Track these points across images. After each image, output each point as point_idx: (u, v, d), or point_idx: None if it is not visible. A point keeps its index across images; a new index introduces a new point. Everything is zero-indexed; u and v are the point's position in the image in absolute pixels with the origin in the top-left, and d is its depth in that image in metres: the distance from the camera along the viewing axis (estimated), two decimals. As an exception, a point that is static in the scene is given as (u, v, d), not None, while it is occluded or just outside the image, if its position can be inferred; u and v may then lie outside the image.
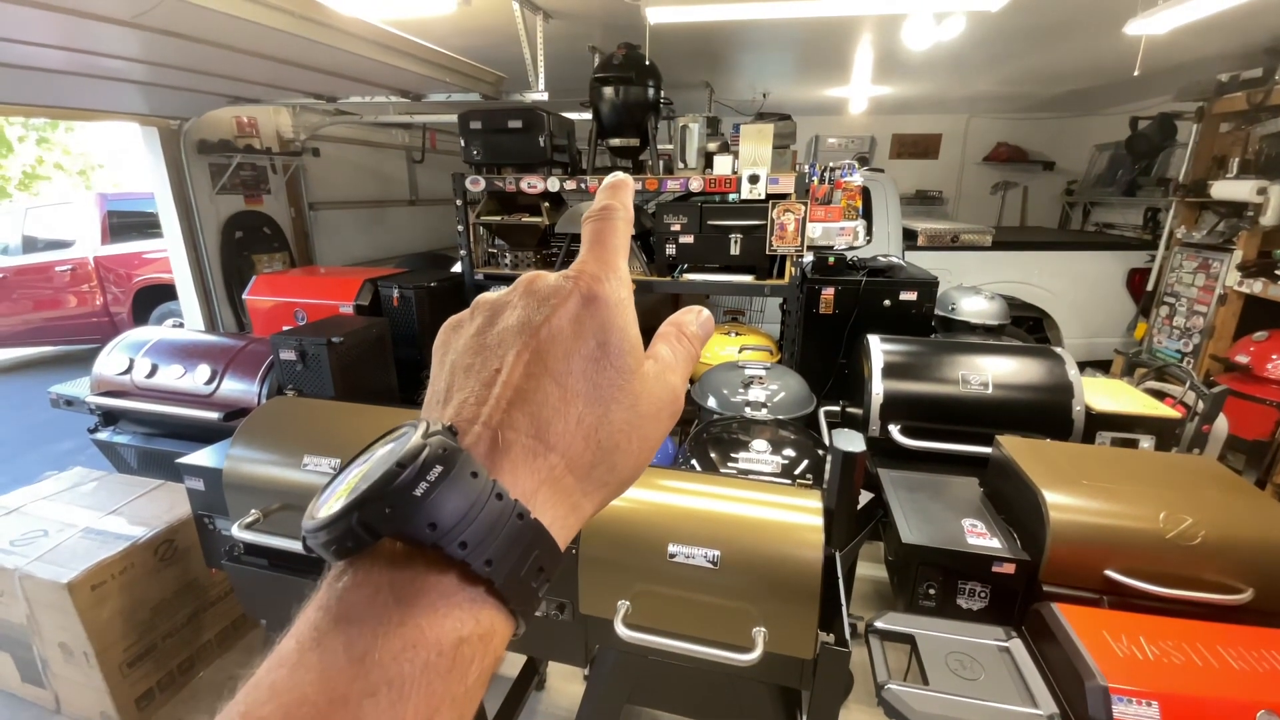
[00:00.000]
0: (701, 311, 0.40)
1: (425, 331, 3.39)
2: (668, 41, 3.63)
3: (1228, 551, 1.42)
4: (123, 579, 2.08)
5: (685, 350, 0.37)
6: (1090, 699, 1.15)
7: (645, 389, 0.33)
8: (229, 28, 2.29)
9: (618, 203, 0.38)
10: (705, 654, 1.31)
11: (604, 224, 0.36)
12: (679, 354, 0.37)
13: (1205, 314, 4.03)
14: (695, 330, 0.39)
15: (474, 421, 0.29)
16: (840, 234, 3.44)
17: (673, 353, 0.36)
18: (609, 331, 0.32)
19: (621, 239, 0.36)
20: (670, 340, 0.37)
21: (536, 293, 0.33)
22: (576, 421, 0.30)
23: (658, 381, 0.34)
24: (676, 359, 0.36)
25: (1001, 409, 2.28)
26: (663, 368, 0.35)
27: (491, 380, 0.31)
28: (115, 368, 2.77)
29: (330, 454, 1.64)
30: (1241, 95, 3.75)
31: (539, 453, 0.29)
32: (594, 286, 0.33)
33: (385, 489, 0.25)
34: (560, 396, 0.30)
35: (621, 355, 0.32)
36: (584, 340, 0.31)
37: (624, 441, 0.32)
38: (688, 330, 0.38)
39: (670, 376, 0.35)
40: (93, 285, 6.01)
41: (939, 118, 7.18)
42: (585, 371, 0.31)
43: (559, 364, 0.31)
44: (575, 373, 0.31)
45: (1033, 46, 3.94)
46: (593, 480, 0.31)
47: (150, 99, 3.58)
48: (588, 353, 0.31)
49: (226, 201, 4.50)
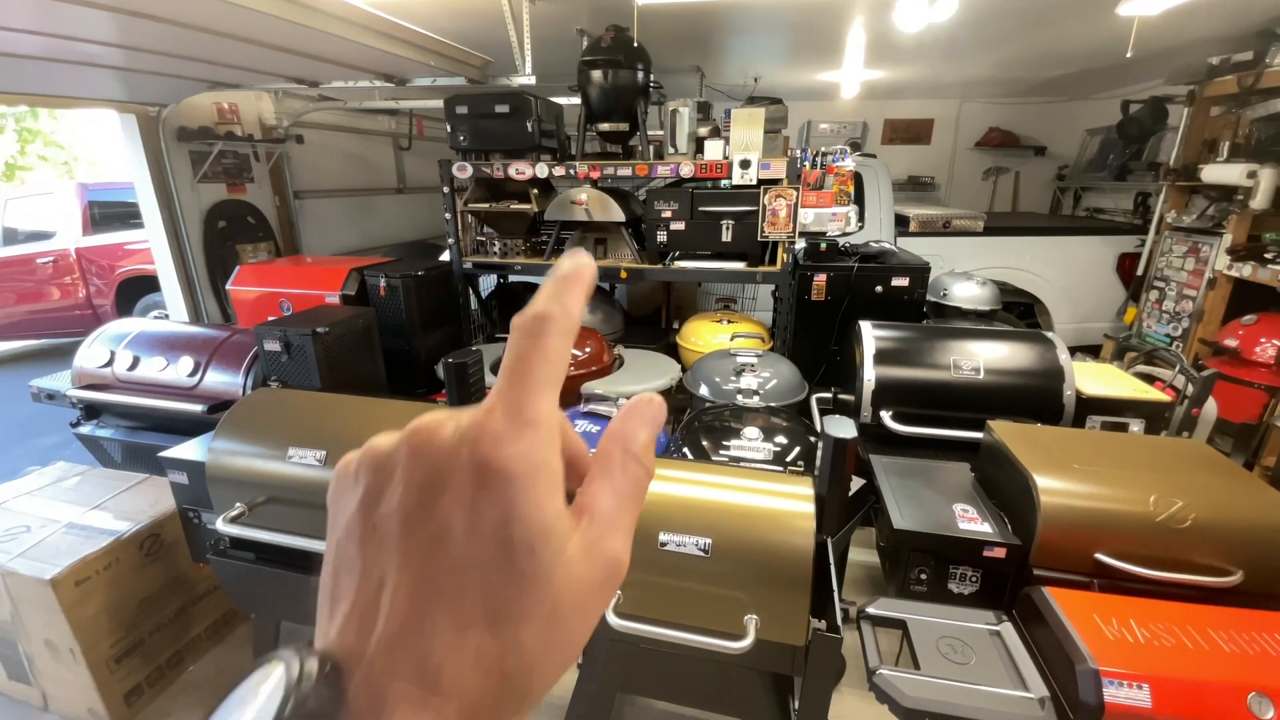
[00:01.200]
0: (652, 401, 0.32)
1: (413, 322, 3.36)
2: (657, 24, 3.57)
3: (1217, 534, 1.43)
4: (108, 574, 2.05)
5: (632, 482, 0.29)
6: (1081, 682, 1.15)
7: (569, 583, 0.25)
8: (206, 10, 2.22)
9: (558, 306, 0.28)
10: (697, 642, 1.31)
11: (530, 344, 0.27)
12: (623, 494, 0.28)
13: (1194, 298, 4.05)
14: (645, 439, 0.30)
15: (359, 659, 0.24)
16: (832, 220, 3.42)
17: (615, 497, 0.28)
18: (512, 524, 0.24)
19: (553, 365, 0.27)
20: (613, 473, 0.29)
21: (423, 461, 0.26)
22: (475, 656, 0.24)
23: (588, 562, 0.26)
24: (619, 505, 0.28)
25: (993, 394, 2.28)
26: (599, 532, 0.27)
27: (374, 600, 0.25)
28: (96, 360, 2.72)
29: (316, 446, 1.62)
30: (1232, 78, 3.74)
31: (430, 705, 0.24)
32: (494, 455, 0.25)
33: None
34: (454, 626, 0.24)
35: (531, 555, 0.24)
36: (480, 541, 0.24)
37: (540, 660, 0.25)
38: (634, 445, 0.30)
39: (608, 541, 0.27)
40: (75, 277, 5.91)
41: (931, 103, 7.14)
42: (485, 584, 0.24)
43: (448, 581, 0.24)
44: (470, 591, 0.24)
45: (1025, 28, 3.91)
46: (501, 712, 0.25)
47: (127, 85, 3.49)
48: (486, 559, 0.24)
49: (208, 190, 4.41)
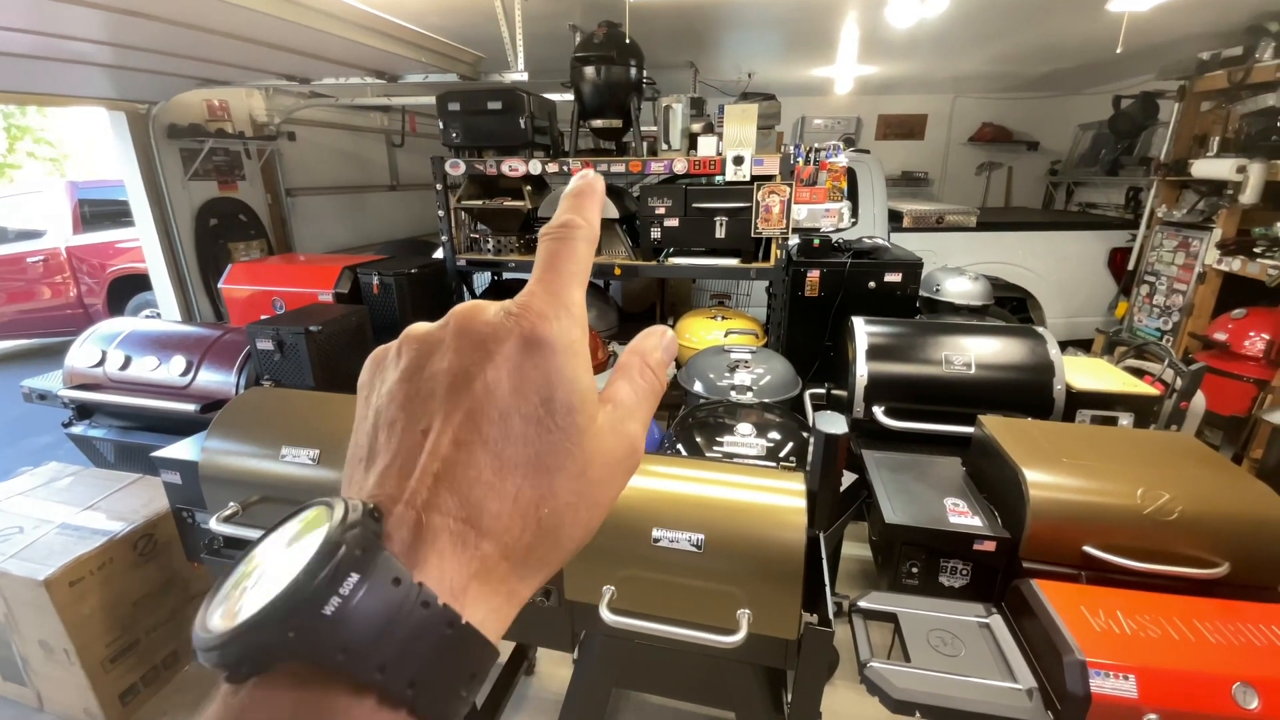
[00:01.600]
0: (665, 333, 0.35)
1: (407, 319, 3.35)
2: (650, 20, 3.57)
3: (1204, 526, 1.44)
4: (101, 575, 2.05)
5: (648, 385, 0.33)
6: (1068, 673, 1.17)
7: (598, 449, 0.28)
8: (196, 7, 2.21)
9: (580, 217, 0.32)
10: (691, 637, 1.31)
11: (560, 245, 0.31)
12: (641, 392, 0.32)
13: (1185, 292, 4.08)
14: (660, 358, 0.34)
15: (397, 500, 0.26)
16: (825, 216, 3.42)
17: (634, 393, 0.32)
18: (555, 385, 0.27)
19: (580, 264, 0.31)
20: (632, 375, 0.33)
21: (471, 333, 0.28)
22: (514, 499, 0.26)
23: (613, 436, 0.29)
24: (638, 400, 0.32)
25: (984, 389, 2.30)
26: (621, 415, 0.30)
27: (418, 446, 0.27)
28: (87, 360, 2.71)
29: (309, 445, 1.62)
30: (1222, 73, 3.76)
31: (470, 540, 0.25)
32: (538, 328, 0.28)
33: (289, 606, 0.21)
34: (495, 469, 0.26)
35: (569, 413, 0.27)
36: (525, 397, 0.27)
37: (569, 515, 0.27)
38: (651, 359, 0.34)
39: (629, 425, 0.31)
40: (65, 276, 5.87)
41: (924, 98, 7.15)
42: (525, 436, 0.26)
43: (494, 428, 0.26)
44: (514, 438, 0.26)
45: (1016, 24, 3.92)
46: (531, 563, 0.27)
47: (116, 82, 3.46)
48: (529, 413, 0.27)
49: (199, 188, 4.39)
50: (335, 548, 0.22)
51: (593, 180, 0.34)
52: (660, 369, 0.34)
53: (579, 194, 0.33)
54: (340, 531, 0.23)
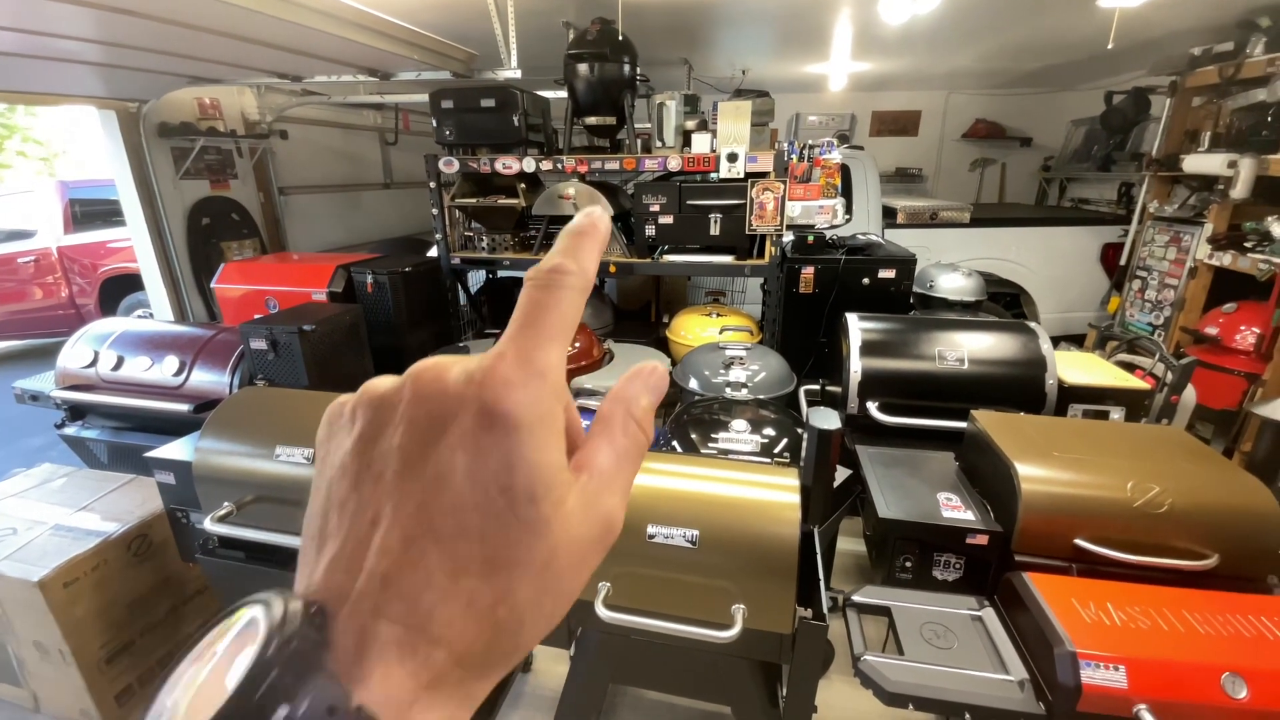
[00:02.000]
0: (654, 371, 0.31)
1: (401, 318, 3.34)
2: (643, 17, 3.56)
3: (1193, 518, 1.46)
4: (96, 576, 2.04)
5: (630, 443, 0.29)
6: (1059, 664, 1.18)
7: (566, 538, 0.25)
8: (186, 5, 2.20)
9: (574, 261, 0.28)
10: (686, 632, 1.32)
11: (544, 295, 0.27)
12: (621, 454, 0.28)
13: (1176, 287, 4.11)
14: (646, 405, 0.30)
15: (343, 599, 0.24)
16: (819, 212, 3.43)
17: (614, 456, 0.28)
18: (515, 469, 0.24)
19: (564, 319, 0.27)
20: (613, 432, 0.28)
21: (427, 403, 0.25)
22: (468, 603, 0.24)
23: (586, 518, 0.26)
24: (618, 464, 0.28)
25: (977, 384, 2.31)
26: (597, 488, 0.27)
27: (365, 538, 0.24)
28: (80, 361, 2.70)
29: (303, 444, 1.62)
30: (1213, 69, 3.78)
31: (419, 649, 0.23)
32: (502, 399, 0.24)
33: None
34: (448, 571, 0.23)
35: (531, 503, 0.24)
36: (481, 486, 0.24)
37: (531, 612, 0.25)
38: (636, 409, 0.29)
39: (606, 499, 0.27)
40: (57, 276, 5.83)
41: (918, 94, 7.16)
42: (482, 531, 0.24)
43: (447, 521, 0.24)
44: (469, 534, 0.24)
45: (1009, 20, 3.93)
46: (490, 663, 0.25)
47: (106, 81, 3.44)
48: (485, 504, 0.24)
49: (191, 187, 4.36)
50: (265, 670, 0.20)
51: (596, 219, 0.30)
52: (646, 419, 0.30)
53: (578, 234, 0.29)
54: (275, 647, 0.21)
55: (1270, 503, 1.44)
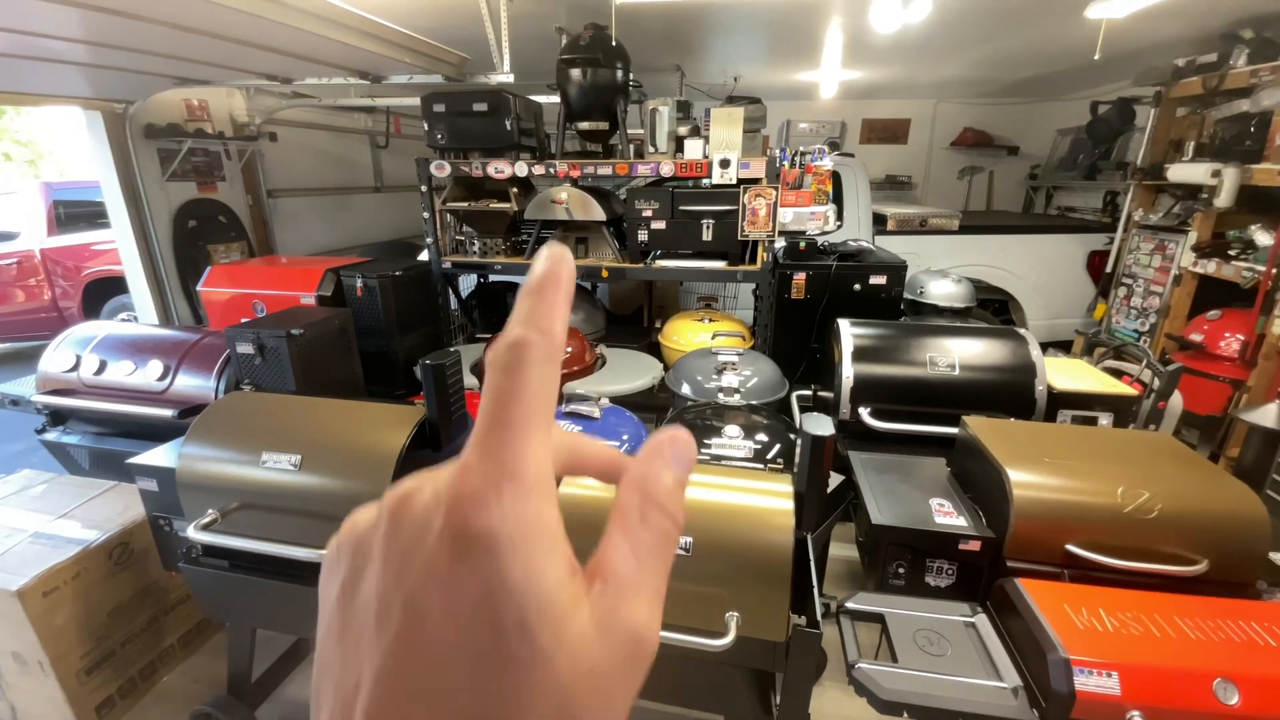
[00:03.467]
0: (677, 439, 0.27)
1: (391, 322, 3.32)
2: (636, 23, 3.57)
3: (1183, 524, 1.47)
4: (76, 584, 2.00)
5: (656, 536, 0.24)
6: (1053, 671, 1.18)
7: (580, 668, 0.20)
8: (173, 5, 2.17)
9: (536, 330, 0.23)
10: (679, 641, 1.31)
11: (508, 381, 0.22)
12: (646, 551, 0.23)
13: (1161, 294, 4.16)
14: (671, 484, 0.25)
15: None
16: (811, 219, 3.44)
17: (635, 555, 0.23)
18: (499, 600, 0.20)
19: (534, 401, 0.22)
20: (631, 526, 0.24)
21: (397, 538, 0.22)
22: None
23: (604, 640, 0.21)
24: (642, 563, 0.23)
25: (968, 390, 2.32)
26: (615, 600, 0.22)
27: (351, 702, 0.21)
28: (61, 365, 2.65)
29: (290, 450, 1.59)
30: (1197, 80, 3.84)
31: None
32: (471, 520, 0.20)
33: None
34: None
35: (525, 637, 0.20)
36: (462, 628, 0.20)
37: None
38: (659, 491, 0.25)
39: (629, 609, 0.22)
40: (40, 279, 5.75)
41: (907, 103, 7.23)
42: (473, 682, 0.20)
43: (431, 680, 0.20)
44: (457, 690, 0.20)
45: (997, 30, 3.98)
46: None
47: (92, 81, 3.39)
48: (472, 647, 0.20)
49: (178, 189, 4.31)
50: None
51: (556, 263, 0.25)
52: (673, 501, 0.25)
53: (538, 290, 0.24)
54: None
55: (1258, 508, 1.45)
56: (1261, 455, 1.74)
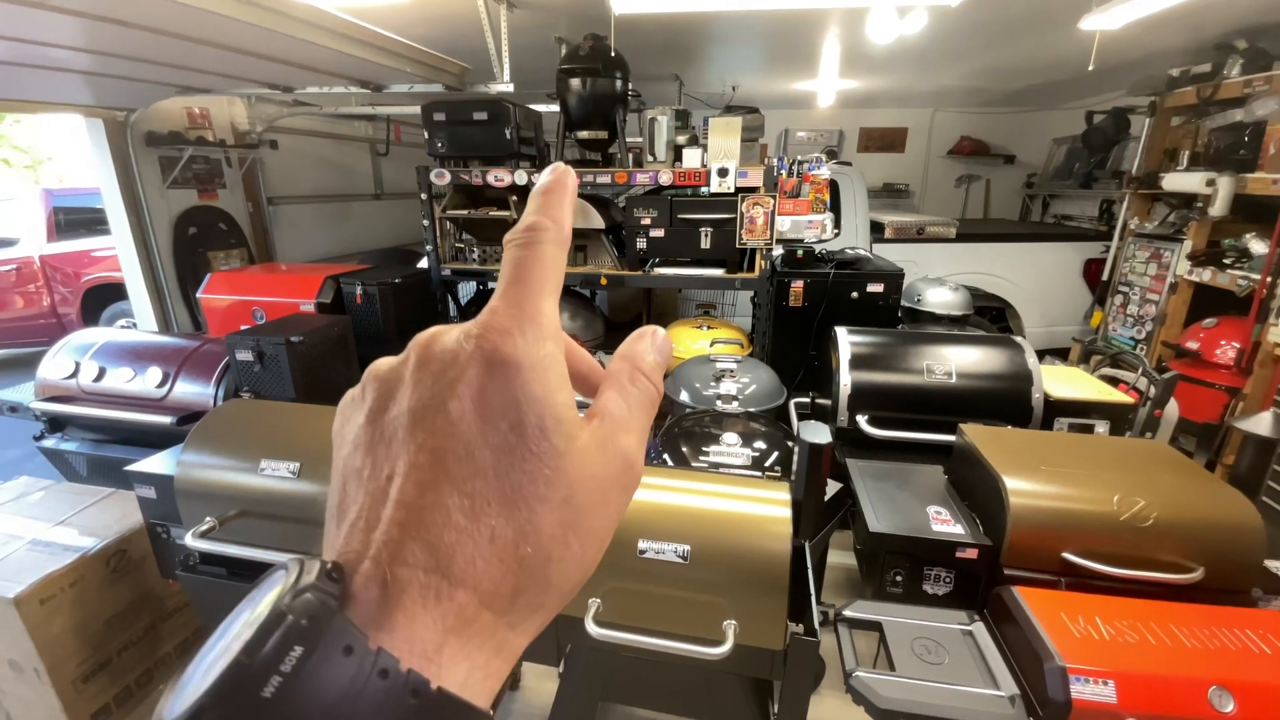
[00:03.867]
0: (657, 333, 0.32)
1: (390, 329, 3.32)
2: (635, 33, 3.60)
3: (1179, 532, 1.47)
4: (73, 592, 1.99)
5: (642, 393, 0.29)
6: (1049, 679, 1.18)
7: (584, 471, 0.25)
8: (176, 15, 2.19)
9: (548, 218, 0.29)
10: (677, 649, 1.31)
11: (525, 252, 0.28)
12: (633, 401, 0.29)
13: (1157, 302, 4.18)
14: (653, 360, 0.31)
15: (364, 555, 0.23)
16: (809, 227, 3.46)
17: (625, 402, 0.29)
18: (523, 406, 0.24)
19: (548, 271, 0.28)
20: (622, 383, 0.29)
21: (430, 362, 0.26)
22: (489, 540, 0.23)
23: (602, 454, 0.26)
24: (630, 410, 0.29)
25: (965, 398, 2.33)
26: (610, 429, 0.27)
27: (382, 494, 0.24)
28: (60, 372, 2.65)
29: (289, 457, 1.59)
30: (1191, 89, 3.88)
31: (443, 592, 0.23)
32: (500, 346, 0.25)
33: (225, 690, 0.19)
34: (466, 510, 0.23)
35: (543, 436, 0.25)
36: (492, 425, 0.24)
37: (558, 549, 0.25)
38: (643, 364, 0.30)
39: (621, 439, 0.27)
40: (39, 285, 5.75)
41: (905, 112, 7.28)
42: (497, 468, 0.24)
43: (461, 465, 0.24)
44: (484, 472, 0.24)
45: (992, 42, 4.01)
46: (520, 608, 0.24)
47: (94, 89, 3.42)
48: (498, 441, 0.24)
49: (179, 196, 4.33)
50: (280, 619, 0.20)
51: (561, 174, 0.31)
52: (655, 373, 0.30)
53: (547, 191, 0.30)
54: (289, 598, 0.21)
55: (1253, 516, 1.46)
56: (1257, 463, 1.75)
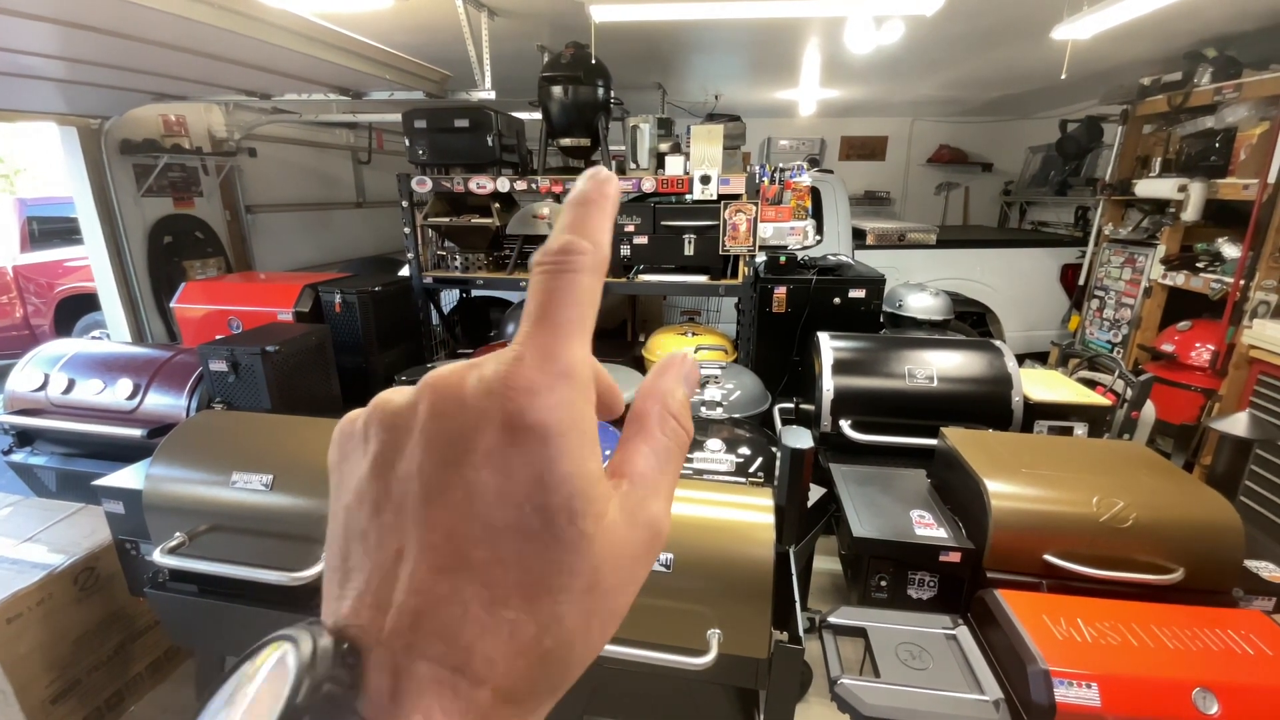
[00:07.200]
0: (685, 362, 0.29)
1: (370, 338, 3.28)
2: (617, 42, 3.61)
3: (1158, 532, 1.48)
4: (40, 610, 1.93)
5: (673, 442, 0.26)
6: (1033, 683, 1.18)
7: (611, 553, 0.23)
8: (150, 21, 2.15)
9: (585, 239, 0.24)
10: (660, 660, 1.29)
11: (556, 282, 0.24)
12: (663, 454, 0.26)
13: (1132, 306, 4.25)
14: (683, 399, 0.27)
15: (373, 637, 0.22)
16: (791, 234, 3.48)
17: (655, 457, 0.26)
18: (550, 486, 0.22)
19: (582, 306, 0.24)
20: (651, 432, 0.26)
21: (445, 416, 0.23)
22: (509, 635, 0.21)
23: (630, 529, 0.24)
24: (660, 466, 0.26)
25: (946, 401, 2.34)
26: (641, 496, 0.25)
27: (391, 571, 0.22)
28: (29, 384, 2.58)
29: (262, 470, 1.55)
30: (1163, 98, 3.96)
31: (461, 690, 0.21)
32: (527, 409, 0.22)
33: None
34: (484, 602, 0.21)
35: (570, 522, 0.22)
36: (514, 506, 0.22)
37: (580, 638, 0.23)
38: (673, 404, 0.27)
39: (650, 506, 0.25)
40: (11, 296, 5.61)
41: (885, 120, 7.38)
42: (519, 556, 0.22)
43: (479, 550, 0.22)
44: (504, 560, 0.22)
45: (968, 52, 4.08)
46: (537, 695, 0.23)
47: (68, 97, 3.35)
48: (520, 525, 0.22)
49: (153, 204, 4.25)
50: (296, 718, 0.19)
51: (603, 181, 0.26)
52: (684, 414, 0.27)
53: (584, 202, 0.26)
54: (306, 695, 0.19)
55: (1231, 516, 1.47)
56: (1233, 463, 1.78)
